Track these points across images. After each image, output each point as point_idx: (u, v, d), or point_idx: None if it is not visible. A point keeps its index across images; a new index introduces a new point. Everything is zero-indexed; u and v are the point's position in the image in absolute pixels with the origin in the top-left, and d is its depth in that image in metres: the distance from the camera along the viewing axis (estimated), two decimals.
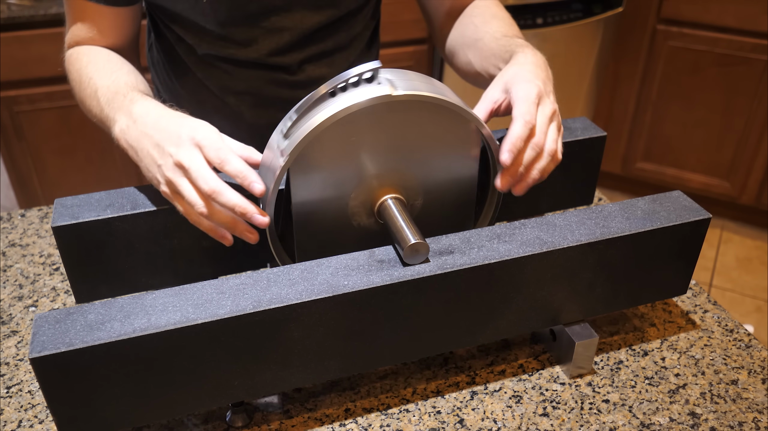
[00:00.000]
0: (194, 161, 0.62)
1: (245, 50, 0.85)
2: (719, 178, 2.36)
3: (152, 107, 0.69)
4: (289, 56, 0.87)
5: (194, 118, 0.67)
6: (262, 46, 0.85)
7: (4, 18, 1.68)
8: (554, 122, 0.69)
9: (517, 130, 0.65)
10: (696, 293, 0.86)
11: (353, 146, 0.65)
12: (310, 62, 0.89)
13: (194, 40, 0.85)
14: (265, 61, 0.86)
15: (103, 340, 0.54)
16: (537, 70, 0.72)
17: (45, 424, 0.68)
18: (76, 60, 0.81)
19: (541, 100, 0.69)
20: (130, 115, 0.68)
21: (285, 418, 0.69)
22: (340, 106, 0.61)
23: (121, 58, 0.82)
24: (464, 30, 0.89)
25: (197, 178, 0.62)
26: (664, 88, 2.30)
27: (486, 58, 0.82)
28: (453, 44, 0.91)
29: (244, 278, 0.61)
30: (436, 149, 0.68)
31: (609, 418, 0.68)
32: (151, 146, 0.65)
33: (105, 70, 0.77)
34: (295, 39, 0.85)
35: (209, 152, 0.63)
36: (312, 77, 0.89)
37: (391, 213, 0.67)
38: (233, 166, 0.62)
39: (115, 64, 0.79)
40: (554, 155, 0.68)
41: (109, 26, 0.82)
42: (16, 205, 2.02)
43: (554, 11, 2.10)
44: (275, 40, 0.84)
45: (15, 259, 0.92)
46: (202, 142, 0.63)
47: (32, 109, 1.82)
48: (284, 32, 0.84)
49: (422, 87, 0.64)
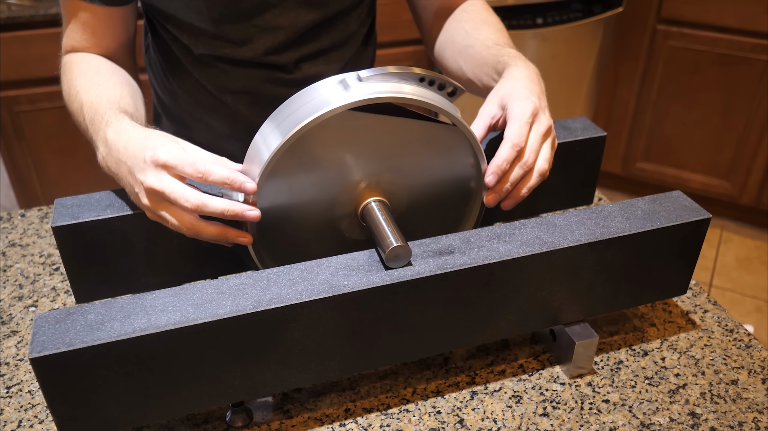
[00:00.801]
0: (165, 183, 0.62)
1: (241, 49, 0.85)
2: (719, 178, 2.36)
3: (123, 130, 0.68)
4: (285, 55, 0.87)
5: (157, 136, 0.66)
6: (258, 45, 0.85)
7: (4, 18, 1.68)
8: (548, 139, 0.71)
9: (504, 153, 0.67)
10: (696, 293, 0.86)
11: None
12: (306, 60, 0.89)
13: (190, 40, 0.85)
14: (262, 60, 0.86)
15: (103, 340, 0.54)
16: (532, 85, 0.73)
17: (45, 424, 0.68)
18: (68, 70, 0.81)
19: (536, 117, 0.70)
20: (105, 143, 0.68)
21: (285, 418, 0.69)
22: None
23: (112, 68, 0.81)
24: (454, 35, 0.89)
25: (177, 199, 0.62)
26: (664, 88, 2.30)
27: (478, 66, 0.83)
28: (443, 48, 0.92)
29: (244, 278, 0.61)
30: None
31: (609, 418, 0.69)
32: (126, 174, 0.66)
33: (91, 83, 0.76)
34: (291, 37, 0.85)
35: (185, 169, 0.62)
36: (308, 75, 0.90)
37: (374, 216, 0.67)
38: (218, 175, 0.62)
39: (103, 75, 0.78)
40: (544, 174, 0.70)
41: (103, 27, 0.82)
42: (16, 205, 2.02)
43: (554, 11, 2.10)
44: (270, 38, 0.85)
45: (15, 259, 0.92)
46: (169, 161, 0.62)
47: (32, 109, 1.82)
48: (279, 30, 0.84)
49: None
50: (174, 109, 0.96)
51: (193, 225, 0.64)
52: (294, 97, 0.65)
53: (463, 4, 0.92)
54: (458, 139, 0.69)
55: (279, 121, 0.65)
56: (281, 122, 0.64)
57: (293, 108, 0.64)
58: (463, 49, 0.86)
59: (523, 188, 0.70)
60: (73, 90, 0.77)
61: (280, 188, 0.66)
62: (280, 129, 0.64)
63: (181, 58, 0.89)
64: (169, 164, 0.62)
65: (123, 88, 0.77)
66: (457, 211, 0.75)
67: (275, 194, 0.66)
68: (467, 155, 0.71)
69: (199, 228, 0.64)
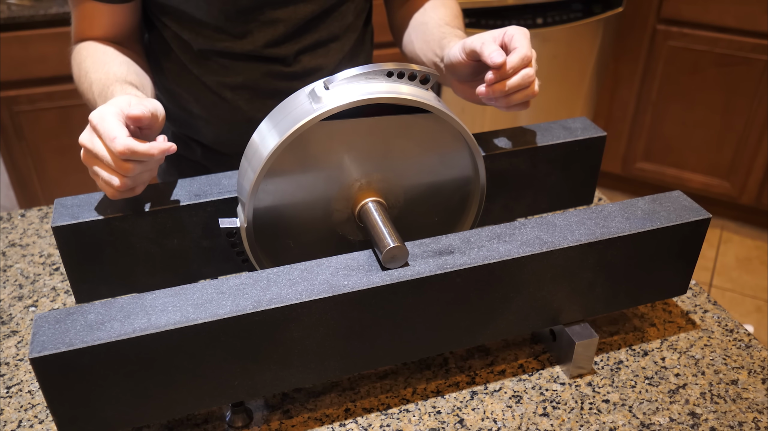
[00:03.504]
0: (95, 143, 0.63)
1: (241, 43, 0.86)
2: (719, 178, 2.36)
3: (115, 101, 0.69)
4: (284, 48, 0.88)
5: (122, 99, 0.67)
6: (258, 38, 0.86)
7: (4, 18, 1.68)
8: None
9: (515, 59, 0.68)
10: (696, 293, 0.86)
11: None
12: (305, 53, 0.90)
13: (190, 35, 0.86)
14: (261, 53, 0.87)
15: (103, 340, 0.54)
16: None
17: (45, 424, 0.68)
18: (77, 54, 0.83)
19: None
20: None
21: (285, 418, 0.69)
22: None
23: (120, 49, 0.84)
24: (413, 11, 0.93)
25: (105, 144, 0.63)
26: (664, 88, 2.30)
27: (426, 42, 0.86)
28: (401, 24, 0.95)
29: (244, 278, 0.61)
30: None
31: (609, 418, 0.68)
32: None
33: (99, 62, 0.79)
34: (290, 30, 0.86)
35: (102, 137, 0.63)
36: (308, 68, 0.90)
37: (370, 217, 0.67)
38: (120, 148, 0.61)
39: (110, 55, 0.81)
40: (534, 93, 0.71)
41: (108, 23, 0.84)
42: (16, 205, 2.02)
43: (554, 11, 2.10)
44: (270, 31, 0.86)
45: (15, 259, 0.92)
46: (95, 125, 0.63)
47: (32, 109, 1.82)
48: (278, 24, 0.85)
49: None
50: (173, 108, 0.96)
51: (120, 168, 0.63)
52: (273, 112, 0.65)
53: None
54: (451, 134, 0.69)
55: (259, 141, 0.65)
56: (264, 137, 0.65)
57: (274, 122, 0.65)
58: (417, 25, 0.90)
59: (521, 95, 0.70)
60: (83, 71, 0.80)
61: (276, 190, 0.66)
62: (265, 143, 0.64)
63: (180, 56, 0.89)
64: (95, 127, 0.63)
65: (129, 66, 0.80)
66: (456, 211, 0.75)
67: (272, 196, 0.66)
68: (463, 153, 0.70)
69: (126, 169, 0.63)
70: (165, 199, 0.70)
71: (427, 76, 0.65)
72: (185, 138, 0.99)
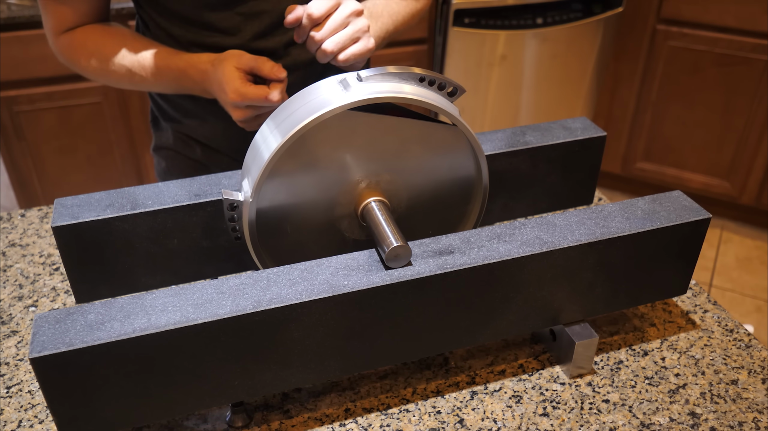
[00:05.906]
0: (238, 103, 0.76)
1: (230, 37, 0.87)
2: (719, 178, 2.36)
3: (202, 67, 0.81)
4: (272, 40, 0.88)
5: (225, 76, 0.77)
6: (245, 31, 0.86)
7: (4, 18, 1.68)
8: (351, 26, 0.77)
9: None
10: (696, 293, 0.86)
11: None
12: (294, 45, 0.90)
13: (180, 31, 0.86)
14: (250, 47, 0.87)
15: (103, 340, 0.54)
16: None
17: (45, 424, 0.68)
18: (80, 46, 0.85)
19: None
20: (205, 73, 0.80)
21: (285, 418, 0.69)
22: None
23: (117, 29, 0.87)
24: None
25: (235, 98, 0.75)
26: (664, 88, 2.30)
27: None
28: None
29: (244, 278, 0.61)
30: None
31: (609, 418, 0.68)
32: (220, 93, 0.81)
33: (121, 43, 0.84)
34: (275, 21, 0.87)
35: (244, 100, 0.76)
36: (298, 61, 0.90)
37: (374, 216, 0.67)
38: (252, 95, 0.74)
39: (128, 38, 0.86)
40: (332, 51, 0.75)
41: (85, 10, 0.86)
42: (16, 205, 2.02)
43: (554, 11, 2.10)
44: (257, 23, 0.86)
45: (15, 259, 0.92)
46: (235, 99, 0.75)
47: (32, 109, 1.82)
48: (264, 15, 0.86)
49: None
50: (170, 110, 0.96)
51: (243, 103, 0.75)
52: (294, 97, 0.65)
53: None
54: (458, 139, 0.69)
55: (279, 122, 0.65)
56: (281, 122, 0.64)
57: (293, 108, 0.64)
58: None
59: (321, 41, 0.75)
60: (117, 59, 0.84)
61: (280, 188, 0.66)
62: (280, 129, 0.63)
63: None
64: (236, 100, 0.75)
65: (145, 41, 0.85)
66: (457, 211, 0.75)
67: (275, 194, 0.66)
68: (467, 155, 0.71)
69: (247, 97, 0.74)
70: (165, 199, 0.70)
71: (455, 89, 0.67)
72: (184, 137, 0.99)
